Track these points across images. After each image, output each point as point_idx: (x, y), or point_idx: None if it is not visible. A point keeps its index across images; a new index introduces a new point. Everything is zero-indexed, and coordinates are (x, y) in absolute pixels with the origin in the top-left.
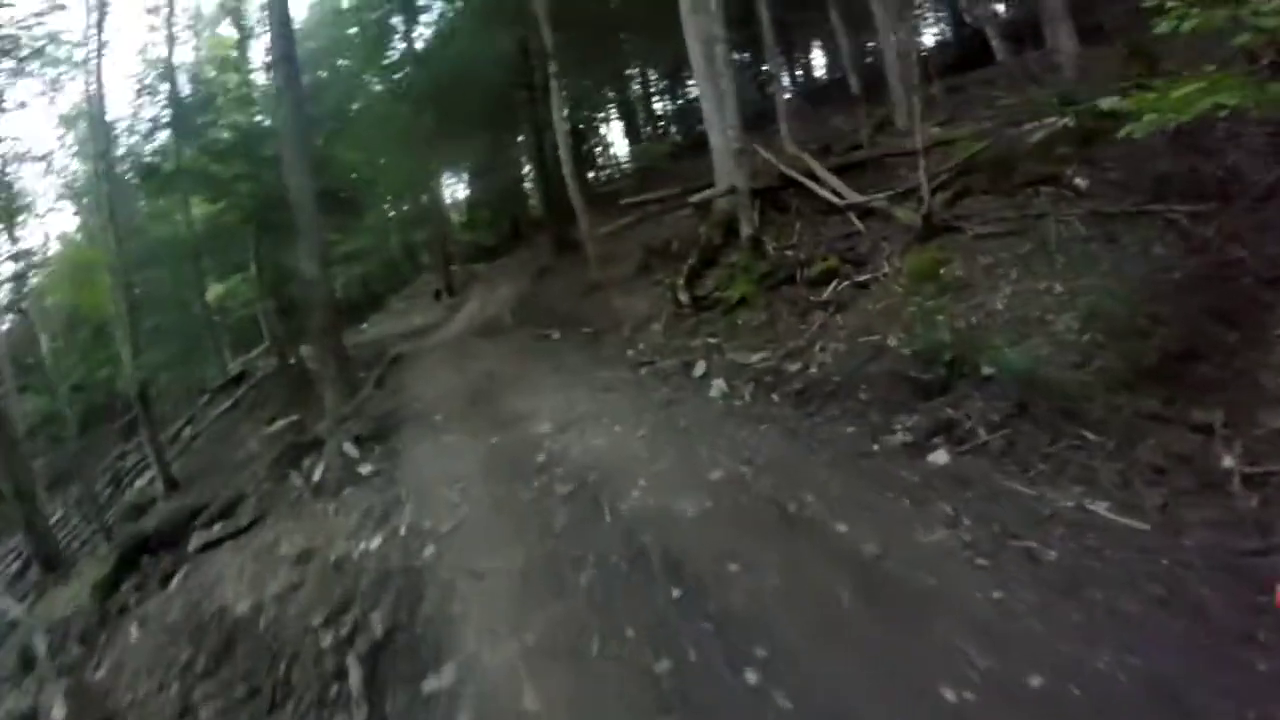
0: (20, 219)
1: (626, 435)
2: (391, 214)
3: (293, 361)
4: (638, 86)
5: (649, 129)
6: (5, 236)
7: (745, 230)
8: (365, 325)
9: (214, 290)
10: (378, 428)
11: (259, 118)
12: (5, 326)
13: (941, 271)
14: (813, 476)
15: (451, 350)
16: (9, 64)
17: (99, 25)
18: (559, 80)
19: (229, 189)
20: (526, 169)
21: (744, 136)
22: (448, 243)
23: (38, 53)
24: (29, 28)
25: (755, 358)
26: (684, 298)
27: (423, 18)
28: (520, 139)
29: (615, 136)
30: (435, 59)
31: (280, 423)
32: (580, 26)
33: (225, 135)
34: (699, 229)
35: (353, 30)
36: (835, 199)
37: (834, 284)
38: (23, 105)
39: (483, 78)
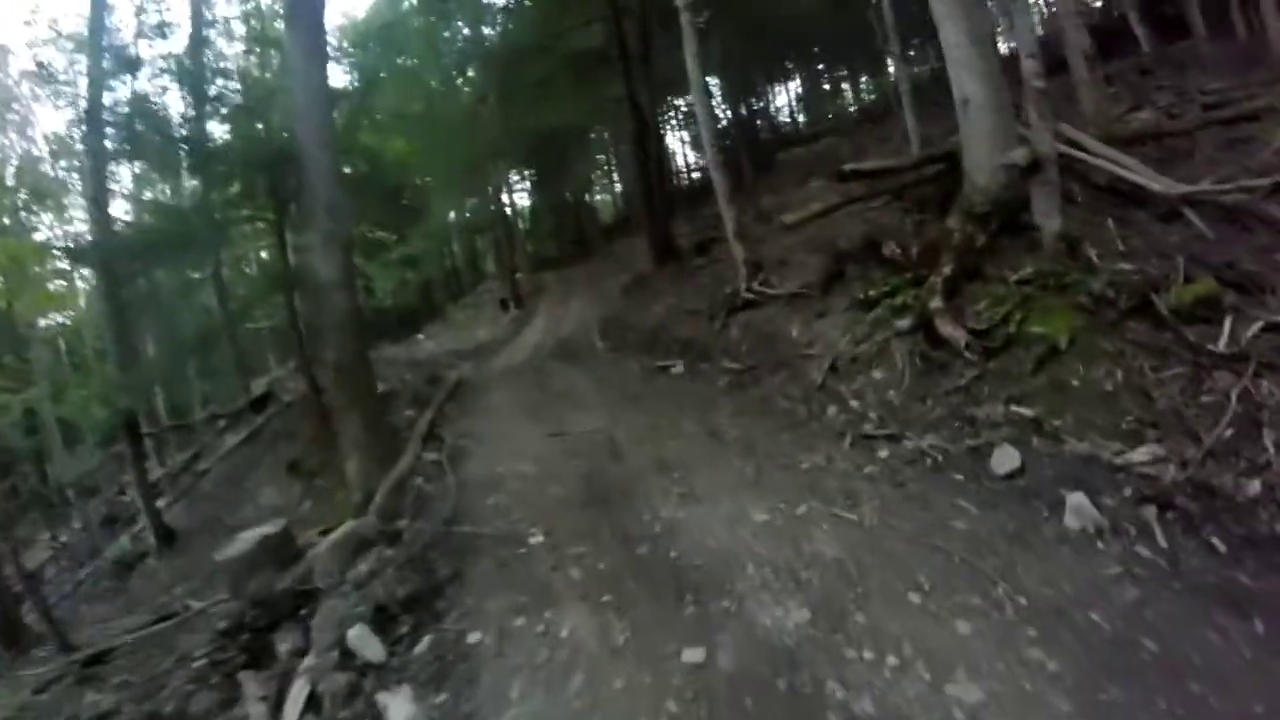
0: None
1: (1007, 662)
2: (453, 216)
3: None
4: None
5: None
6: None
7: (1050, 225)
8: (421, 335)
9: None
10: (420, 570)
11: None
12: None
13: None
14: None
15: (530, 381)
16: None
17: None
18: (695, 18)
19: (226, 157)
20: (597, 172)
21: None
22: (514, 249)
23: None
24: None
25: (1138, 456)
26: (952, 332)
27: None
28: (590, 137)
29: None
30: (501, 48)
31: (255, 532)
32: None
33: (224, 85)
34: (915, 222)
35: (414, 25)
36: (1156, 187)
37: (1229, 322)
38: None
39: (557, 62)
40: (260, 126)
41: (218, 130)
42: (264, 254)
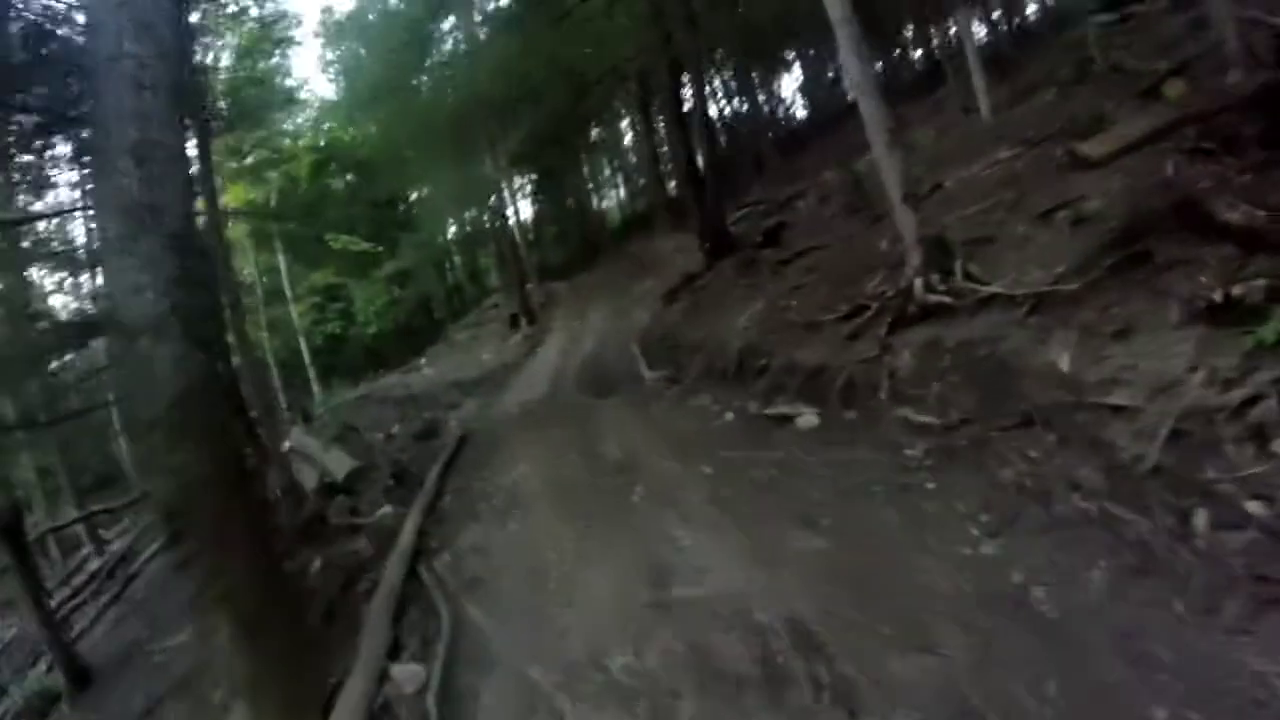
0: None
1: None
2: (452, 229)
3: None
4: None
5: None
6: None
7: None
8: (423, 360)
9: None
10: None
11: None
12: None
13: None
14: None
15: (564, 434)
16: None
17: None
18: None
19: None
20: (602, 175)
21: None
22: (520, 259)
23: None
24: None
25: None
26: None
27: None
28: (591, 141)
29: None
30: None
31: None
32: None
33: None
34: (1243, 169)
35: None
36: None
37: None
38: None
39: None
40: None
41: None
42: None
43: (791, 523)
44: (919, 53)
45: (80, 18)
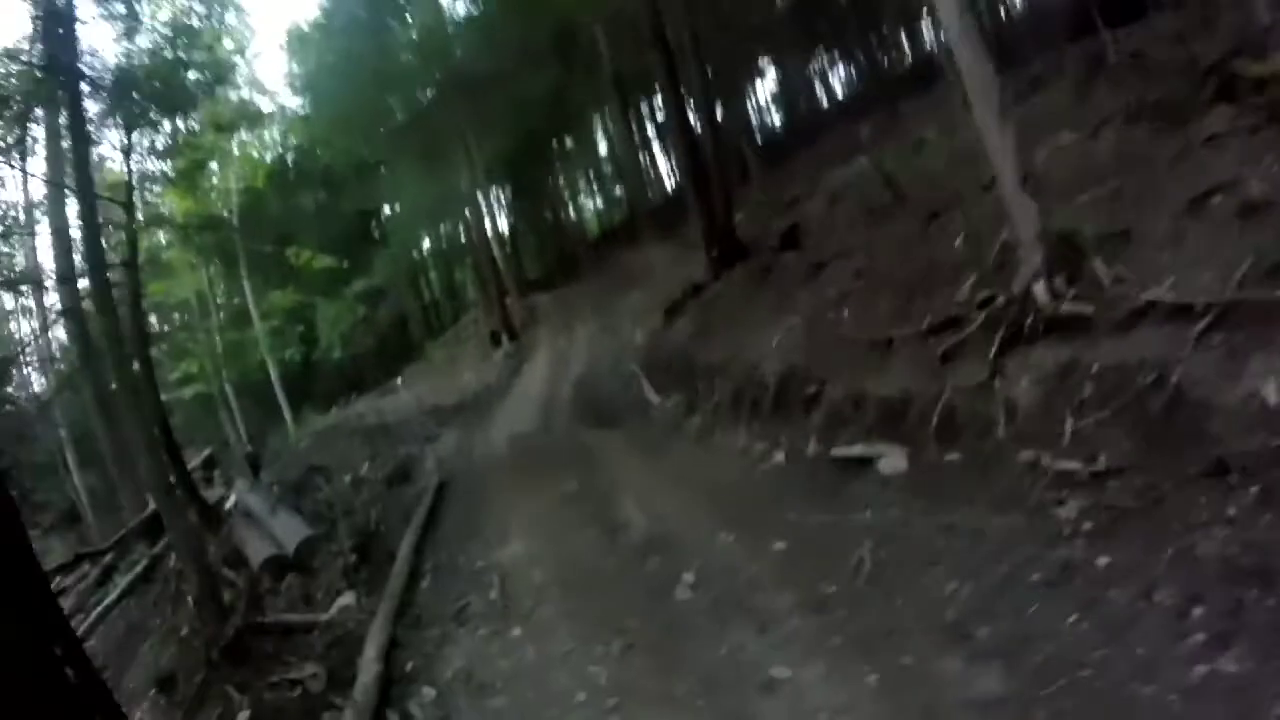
0: None
1: None
2: (427, 243)
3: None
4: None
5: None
6: None
7: None
8: (399, 381)
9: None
10: None
11: None
12: None
13: None
14: None
15: (566, 478)
16: None
17: None
18: None
19: None
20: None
21: None
22: (500, 272)
23: None
24: None
25: None
26: None
27: None
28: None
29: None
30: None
31: None
32: None
33: None
34: None
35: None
36: None
37: None
38: None
39: None
40: None
41: None
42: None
43: (937, 639)
44: (895, 52)
45: None
